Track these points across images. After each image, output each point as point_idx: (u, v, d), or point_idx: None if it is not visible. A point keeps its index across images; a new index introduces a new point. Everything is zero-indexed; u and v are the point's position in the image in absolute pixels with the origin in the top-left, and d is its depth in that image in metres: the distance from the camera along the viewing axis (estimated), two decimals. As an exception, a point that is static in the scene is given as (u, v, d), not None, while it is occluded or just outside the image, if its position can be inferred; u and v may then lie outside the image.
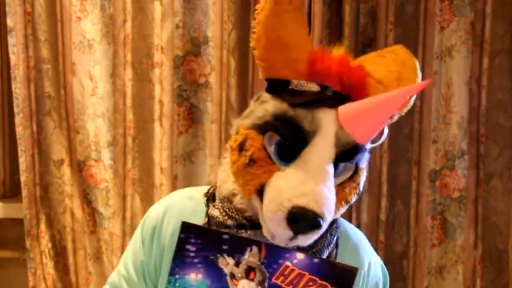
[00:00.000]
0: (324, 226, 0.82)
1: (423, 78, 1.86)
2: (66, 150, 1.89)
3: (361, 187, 0.91)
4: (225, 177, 0.94)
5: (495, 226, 1.85)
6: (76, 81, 1.87)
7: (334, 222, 0.95)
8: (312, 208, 0.79)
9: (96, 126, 1.88)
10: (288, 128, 0.84)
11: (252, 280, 0.75)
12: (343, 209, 0.89)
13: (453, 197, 1.86)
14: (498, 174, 1.84)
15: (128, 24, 1.82)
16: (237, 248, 0.76)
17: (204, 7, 1.82)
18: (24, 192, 1.89)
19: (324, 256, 0.91)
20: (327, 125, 0.84)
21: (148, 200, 1.87)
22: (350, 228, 1.05)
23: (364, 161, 0.91)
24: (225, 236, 0.76)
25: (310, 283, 0.75)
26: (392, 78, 0.92)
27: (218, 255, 0.76)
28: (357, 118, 0.84)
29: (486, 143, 1.83)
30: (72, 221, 1.93)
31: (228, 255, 0.76)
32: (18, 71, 1.83)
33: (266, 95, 0.90)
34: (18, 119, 1.86)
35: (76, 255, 1.95)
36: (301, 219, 0.79)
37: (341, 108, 0.85)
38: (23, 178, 1.88)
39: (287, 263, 0.75)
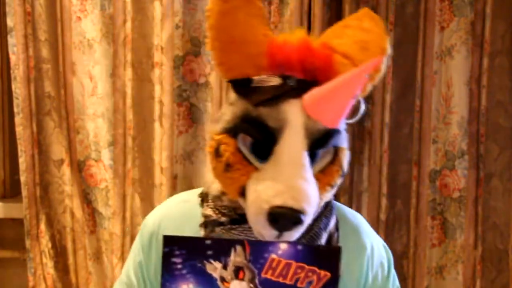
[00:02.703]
0: (308, 218, 0.81)
1: (423, 78, 1.85)
2: (66, 150, 1.89)
3: (345, 168, 0.89)
4: (212, 177, 0.94)
5: (495, 226, 1.85)
6: (76, 81, 1.87)
7: (328, 205, 0.95)
8: (291, 206, 0.78)
9: (96, 126, 1.88)
10: (255, 128, 0.84)
11: (243, 279, 0.75)
12: (329, 193, 0.88)
13: (453, 197, 1.86)
14: (498, 174, 1.84)
15: (128, 24, 1.82)
16: (221, 251, 0.76)
17: (204, 7, 1.82)
18: (24, 192, 1.89)
19: (323, 239, 0.91)
20: (294, 117, 0.82)
21: (148, 200, 1.87)
22: (349, 212, 1.04)
23: (342, 141, 0.89)
24: (208, 242, 0.77)
25: (299, 271, 0.75)
26: (357, 49, 0.89)
27: (205, 261, 0.76)
28: (322, 104, 0.82)
29: (486, 143, 1.82)
30: (72, 221, 1.93)
31: (215, 260, 0.76)
32: (18, 71, 1.83)
33: (233, 97, 0.88)
34: (18, 119, 1.86)
35: (76, 255, 1.95)
36: (281, 218, 0.79)
37: (306, 97, 0.83)
38: (23, 178, 1.88)
39: (273, 255, 0.75)
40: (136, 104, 1.85)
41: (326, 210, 0.94)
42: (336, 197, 1.78)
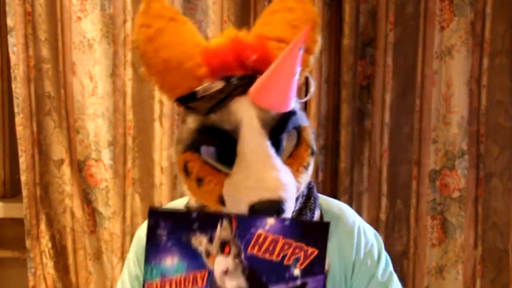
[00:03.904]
0: (289, 204, 0.81)
1: (423, 78, 1.85)
2: (66, 150, 1.89)
3: (313, 145, 0.90)
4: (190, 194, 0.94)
5: (495, 226, 1.85)
6: (76, 81, 1.87)
7: (310, 197, 0.95)
8: (268, 198, 0.78)
9: (96, 126, 1.88)
10: (212, 136, 0.84)
11: (228, 254, 0.74)
12: (305, 175, 0.88)
13: (453, 197, 1.86)
14: (498, 174, 1.84)
15: (128, 24, 1.82)
16: (208, 225, 0.74)
17: (204, 7, 1.82)
18: (24, 192, 1.89)
19: None
20: (245, 113, 0.83)
21: (148, 200, 1.87)
22: (333, 203, 1.04)
23: (302, 121, 0.89)
24: (194, 215, 0.75)
25: (286, 247, 0.74)
26: (288, 29, 0.90)
27: (191, 235, 0.74)
28: (266, 92, 0.83)
29: (486, 143, 1.82)
30: (72, 221, 1.93)
31: (200, 233, 0.74)
32: (18, 71, 1.83)
33: (184, 114, 0.89)
34: (18, 119, 1.86)
35: (76, 255, 1.95)
36: (262, 213, 0.79)
37: (251, 90, 0.84)
38: (23, 178, 1.88)
39: (260, 230, 0.74)
40: (136, 104, 1.85)
41: (309, 202, 0.94)
42: (336, 197, 1.78)
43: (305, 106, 1.80)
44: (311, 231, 0.75)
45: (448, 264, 1.88)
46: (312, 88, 0.93)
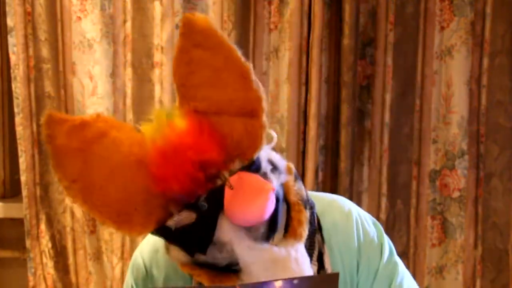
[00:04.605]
0: (307, 262, 0.78)
1: (423, 78, 1.85)
2: (66, 150, 1.89)
3: (301, 197, 0.81)
4: None
5: (495, 226, 1.85)
6: (76, 81, 1.87)
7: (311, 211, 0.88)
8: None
9: (96, 126, 1.88)
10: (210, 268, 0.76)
11: None
12: (308, 225, 0.81)
13: (453, 197, 1.86)
14: (498, 174, 1.84)
15: (128, 24, 1.82)
16: None
17: (204, 7, 1.82)
18: (24, 192, 1.89)
19: (316, 249, 0.87)
20: (234, 240, 0.74)
21: (148, 200, 1.86)
22: (325, 203, 0.96)
23: (280, 186, 0.79)
24: None
25: None
26: (227, 100, 0.75)
27: None
28: (239, 216, 0.73)
29: (486, 143, 1.82)
30: (72, 221, 1.93)
31: None
32: (18, 71, 1.83)
33: (166, 243, 0.78)
34: (18, 119, 1.86)
35: (76, 255, 1.95)
36: None
37: (226, 214, 0.73)
38: (23, 178, 1.88)
39: None
40: (136, 104, 1.85)
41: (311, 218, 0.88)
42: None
43: (305, 106, 1.80)
44: (321, 283, 0.74)
45: (448, 264, 1.88)
46: (275, 140, 0.79)
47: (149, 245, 0.94)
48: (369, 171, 1.85)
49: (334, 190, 1.83)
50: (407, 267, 0.93)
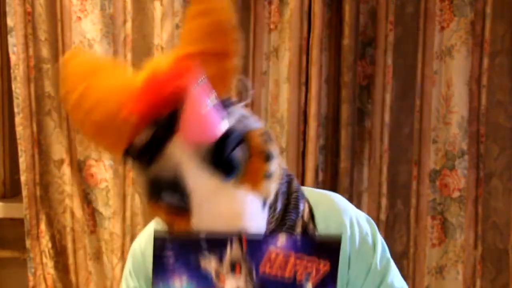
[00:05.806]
0: (254, 223, 0.77)
1: (423, 78, 1.85)
2: (66, 149, 1.89)
3: (267, 149, 0.81)
4: None
5: (495, 226, 1.85)
6: (76, 81, 1.87)
7: (291, 192, 0.90)
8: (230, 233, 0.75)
9: (96, 126, 1.88)
10: (162, 185, 0.79)
11: (239, 274, 0.73)
12: (269, 182, 0.81)
13: (453, 197, 1.86)
14: (498, 174, 1.84)
15: (128, 24, 1.82)
16: (217, 246, 0.72)
17: (204, 7, 1.82)
18: (24, 192, 1.89)
19: (299, 228, 0.88)
20: (181, 154, 0.77)
21: (148, 200, 1.87)
22: (321, 195, 0.99)
23: (246, 126, 0.81)
24: (203, 236, 0.73)
25: (298, 262, 0.73)
26: (204, 38, 0.83)
27: (199, 256, 0.72)
28: (189, 128, 0.76)
29: (486, 143, 1.82)
30: (72, 221, 1.93)
31: (209, 254, 0.72)
32: (18, 71, 1.83)
33: (135, 167, 0.83)
34: (18, 119, 1.86)
35: (76, 255, 1.95)
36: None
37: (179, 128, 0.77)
38: (23, 178, 1.88)
39: (271, 248, 0.73)
40: (136, 104, 1.85)
41: (292, 198, 0.89)
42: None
43: (305, 106, 1.80)
44: (324, 244, 0.75)
45: (448, 264, 1.88)
46: (250, 91, 0.85)
47: (146, 232, 0.99)
48: (369, 171, 1.85)
49: (334, 190, 1.81)
50: (407, 267, 0.93)
